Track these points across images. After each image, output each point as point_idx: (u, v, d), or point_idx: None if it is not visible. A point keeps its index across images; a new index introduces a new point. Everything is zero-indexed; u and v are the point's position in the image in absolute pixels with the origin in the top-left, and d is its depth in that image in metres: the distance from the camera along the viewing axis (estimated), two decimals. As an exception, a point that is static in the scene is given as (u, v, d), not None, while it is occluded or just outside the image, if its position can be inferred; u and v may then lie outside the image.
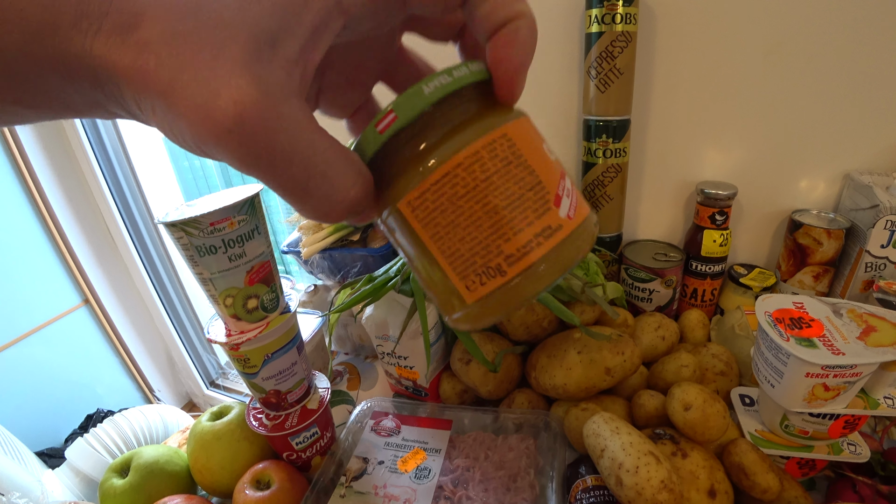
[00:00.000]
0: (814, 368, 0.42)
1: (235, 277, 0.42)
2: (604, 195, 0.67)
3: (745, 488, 0.45)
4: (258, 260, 0.43)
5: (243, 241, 0.41)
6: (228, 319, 0.44)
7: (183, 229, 0.38)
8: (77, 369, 1.57)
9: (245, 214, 0.40)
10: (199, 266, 0.41)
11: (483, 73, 0.20)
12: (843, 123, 0.64)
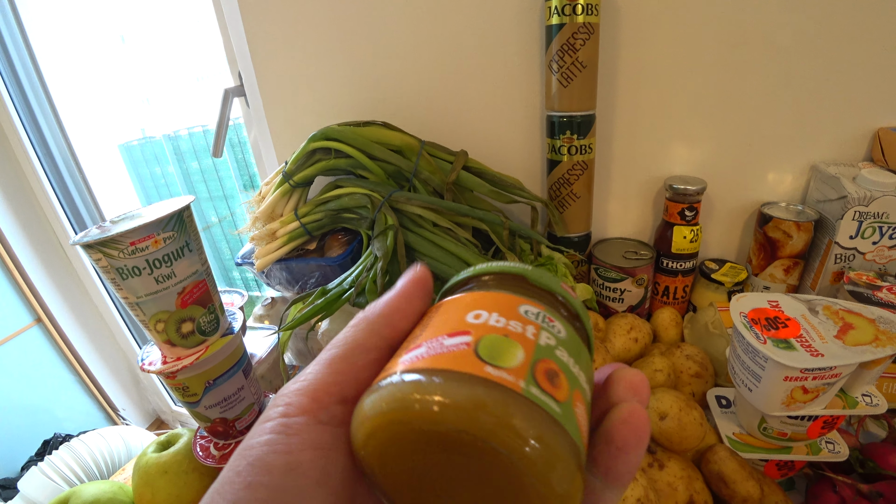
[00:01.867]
0: (792, 372, 0.40)
1: (166, 300, 0.37)
2: (570, 194, 0.65)
3: (725, 497, 0.43)
4: (191, 280, 0.38)
5: (171, 261, 0.36)
6: (162, 346, 0.40)
7: (101, 251, 0.34)
8: (32, 392, 1.48)
9: (172, 231, 0.36)
10: (123, 290, 0.36)
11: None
12: (809, 115, 0.63)
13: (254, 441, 0.16)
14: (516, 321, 0.17)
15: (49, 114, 1.43)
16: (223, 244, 2.01)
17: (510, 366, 0.15)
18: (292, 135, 0.81)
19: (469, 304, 0.18)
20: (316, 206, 0.64)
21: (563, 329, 0.18)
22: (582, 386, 0.17)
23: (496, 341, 0.16)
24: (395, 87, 0.72)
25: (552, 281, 0.20)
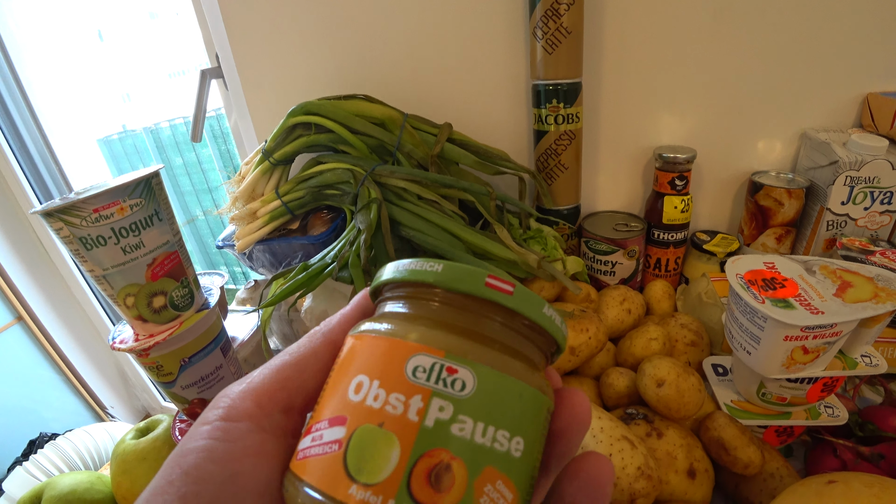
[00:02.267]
0: (792, 331, 0.38)
1: (134, 273, 0.35)
2: (558, 165, 0.63)
3: (726, 464, 0.42)
4: (161, 251, 0.36)
5: (139, 229, 0.34)
6: (133, 322, 0.38)
7: (61, 219, 0.32)
8: (15, 393, 1.45)
9: (139, 197, 0.34)
10: (87, 262, 0.34)
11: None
12: (797, 82, 0.62)
13: (189, 447, 0.15)
14: (399, 394, 0.14)
15: (24, 110, 1.39)
16: (209, 238, 1.97)
17: (378, 480, 0.13)
18: (273, 115, 0.79)
19: (355, 363, 0.16)
20: (297, 183, 0.61)
21: (471, 376, 0.14)
22: (499, 454, 0.14)
23: (368, 439, 0.14)
24: (377, 60, 0.70)
25: (473, 280, 0.16)
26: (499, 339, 0.16)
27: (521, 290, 0.16)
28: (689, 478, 0.40)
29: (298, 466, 0.15)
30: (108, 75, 1.66)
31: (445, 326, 0.15)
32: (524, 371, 0.15)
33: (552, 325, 0.16)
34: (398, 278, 0.17)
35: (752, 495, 0.43)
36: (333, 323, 0.19)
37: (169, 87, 1.82)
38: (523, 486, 0.15)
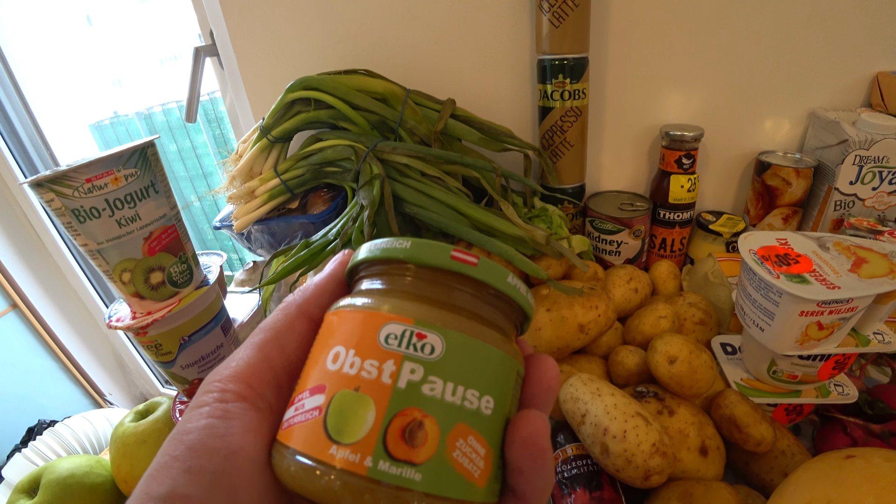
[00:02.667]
0: (809, 306, 0.38)
1: (130, 247, 0.34)
2: (564, 142, 0.62)
3: (738, 441, 0.41)
4: (158, 224, 0.35)
5: (135, 201, 0.33)
6: (130, 299, 0.36)
7: (52, 189, 0.30)
8: (12, 381, 1.43)
9: (134, 167, 0.32)
10: (81, 236, 0.32)
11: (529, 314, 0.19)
12: (806, 60, 0.61)
13: (191, 425, 0.16)
14: (372, 360, 0.15)
15: (14, 97, 1.36)
16: (204, 224, 1.95)
17: (356, 439, 0.14)
18: (270, 92, 0.77)
19: (333, 336, 0.17)
20: (297, 161, 0.60)
21: (439, 341, 0.15)
22: (469, 411, 0.15)
23: (345, 403, 0.15)
24: (377, 33, 0.68)
25: (439, 254, 0.17)
26: (467, 307, 0.17)
27: (485, 262, 0.17)
28: (702, 455, 0.40)
29: (284, 435, 0.16)
30: (99, 61, 1.63)
31: (415, 297, 0.17)
32: (492, 336, 0.16)
33: (517, 294, 0.17)
34: (371, 257, 0.18)
35: (763, 472, 0.42)
36: (308, 293, 0.19)
37: (161, 72, 1.79)
38: (495, 441, 0.16)
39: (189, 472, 0.15)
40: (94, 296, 1.61)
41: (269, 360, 0.18)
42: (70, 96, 1.49)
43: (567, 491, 0.37)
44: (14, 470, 0.82)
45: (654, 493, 0.38)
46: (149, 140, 0.33)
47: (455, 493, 0.15)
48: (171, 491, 0.14)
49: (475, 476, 0.15)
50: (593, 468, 0.39)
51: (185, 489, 0.14)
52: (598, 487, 0.37)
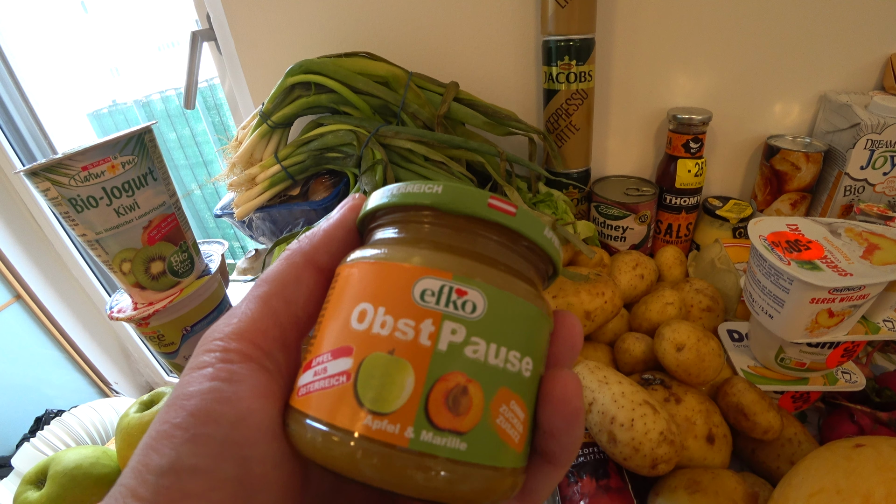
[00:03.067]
0: (820, 293, 0.37)
1: (129, 236, 0.33)
2: (569, 126, 0.61)
3: (745, 429, 0.41)
4: (157, 213, 0.34)
5: (133, 189, 0.32)
6: (131, 289, 0.36)
7: (48, 178, 0.30)
8: (18, 371, 1.44)
9: (132, 154, 0.31)
10: (79, 225, 0.32)
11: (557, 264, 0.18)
12: (817, 42, 0.60)
13: (192, 389, 0.14)
14: (407, 319, 0.14)
15: (11, 87, 1.35)
16: (205, 213, 1.95)
17: (394, 407, 0.13)
18: (269, 76, 0.75)
19: (357, 290, 0.15)
20: (298, 147, 0.59)
21: (480, 298, 0.14)
22: (511, 374, 0.14)
23: (379, 367, 0.13)
24: (377, 14, 0.66)
25: (475, 201, 0.15)
26: (503, 260, 0.15)
27: (523, 212, 0.15)
28: (708, 443, 0.39)
29: (302, 402, 0.14)
30: (95, 48, 1.61)
31: (450, 249, 0.15)
32: (529, 292, 0.15)
33: (552, 248, 0.16)
34: (392, 202, 0.16)
35: (770, 460, 0.42)
36: (317, 240, 0.17)
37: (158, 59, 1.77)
38: (532, 405, 0.15)
39: (194, 440, 0.13)
40: (96, 285, 1.61)
41: (276, 315, 0.16)
42: (67, 85, 1.47)
43: (573, 479, 0.37)
44: (23, 459, 0.83)
45: (660, 481, 0.38)
46: (146, 126, 0.33)
47: (498, 460, 0.14)
48: (175, 462, 0.13)
49: (515, 441, 0.14)
50: (600, 456, 0.38)
51: (191, 460, 0.13)
52: (605, 475, 0.37)
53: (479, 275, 0.14)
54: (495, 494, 0.14)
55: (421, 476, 0.13)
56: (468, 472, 0.13)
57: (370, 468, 0.13)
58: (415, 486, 0.13)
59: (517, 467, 0.15)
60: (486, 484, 0.13)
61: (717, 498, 0.34)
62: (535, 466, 0.16)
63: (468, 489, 0.13)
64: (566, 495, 0.37)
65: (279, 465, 0.14)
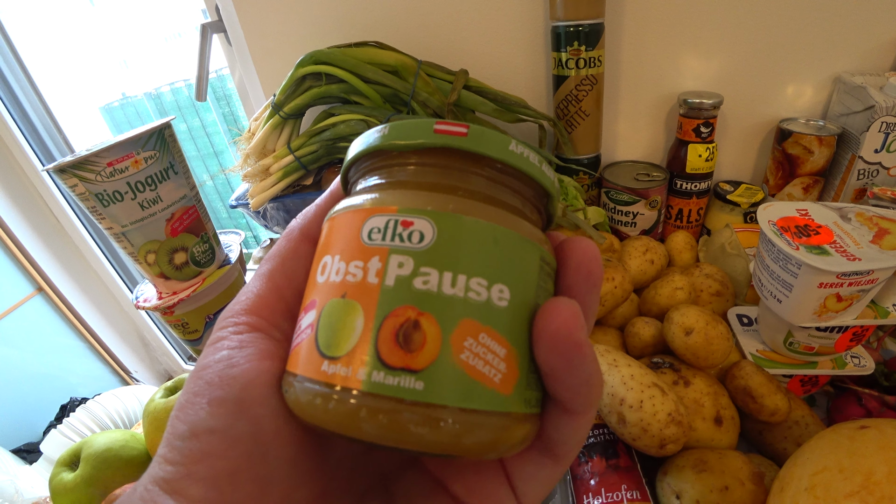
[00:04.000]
0: (828, 277, 0.37)
1: (153, 228, 0.34)
2: (579, 111, 0.61)
3: (752, 412, 0.42)
4: (179, 205, 0.35)
5: (156, 183, 0.33)
6: (156, 280, 0.37)
7: (75, 174, 0.31)
8: (43, 361, 1.48)
9: (153, 149, 0.33)
10: (105, 219, 0.33)
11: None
12: (831, 22, 0.59)
13: (207, 361, 0.15)
14: (357, 260, 0.13)
15: (25, 83, 1.36)
16: (217, 203, 1.97)
17: (346, 350, 0.13)
18: (280, 68, 0.76)
19: (322, 245, 0.15)
20: (310, 137, 0.60)
21: (428, 225, 0.13)
22: (476, 304, 0.13)
23: (333, 313, 0.13)
24: (387, 4, 0.66)
25: (420, 131, 0.14)
26: (463, 185, 0.14)
27: (477, 130, 0.14)
28: (716, 425, 0.40)
29: (289, 363, 0.15)
30: (103, 41, 1.62)
31: (400, 185, 0.14)
32: (497, 214, 0.14)
33: (525, 163, 0.15)
34: (354, 156, 0.16)
35: (777, 442, 0.43)
36: (310, 215, 0.18)
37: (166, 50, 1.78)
38: (519, 340, 0.13)
39: (210, 404, 0.14)
40: (115, 277, 1.64)
41: (279, 289, 0.17)
42: (78, 79, 1.49)
43: (584, 459, 0.38)
44: (51, 445, 0.86)
45: (668, 461, 0.39)
46: (165, 121, 0.34)
47: (471, 402, 0.12)
48: (195, 427, 0.14)
49: (495, 381, 0.13)
50: (609, 437, 0.39)
51: (208, 422, 0.14)
52: (615, 455, 0.38)
53: (427, 203, 0.13)
54: (486, 442, 0.13)
55: (379, 419, 0.12)
56: (432, 414, 0.12)
57: (328, 416, 0.12)
58: (374, 432, 0.12)
59: (511, 412, 0.13)
60: (461, 429, 0.12)
61: (724, 476, 0.35)
62: (554, 416, 0.15)
63: (440, 434, 0.12)
64: (577, 474, 0.38)
65: (290, 421, 0.15)
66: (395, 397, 0.12)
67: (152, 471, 0.14)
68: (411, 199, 0.14)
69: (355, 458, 0.18)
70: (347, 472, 0.18)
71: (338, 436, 0.13)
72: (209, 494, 0.14)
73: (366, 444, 0.14)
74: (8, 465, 0.90)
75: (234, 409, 0.14)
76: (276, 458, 0.14)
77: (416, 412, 0.12)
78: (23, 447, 1.33)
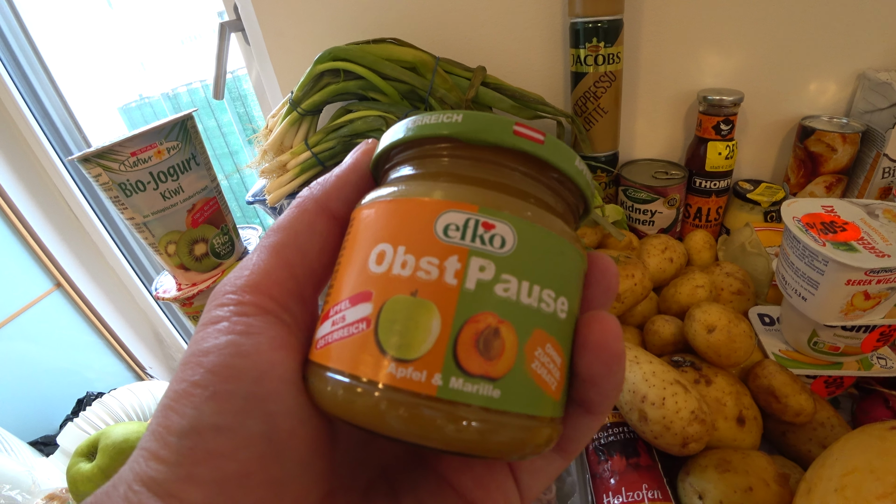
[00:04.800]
0: (856, 274, 0.36)
1: (175, 219, 0.35)
2: (597, 108, 0.60)
3: (776, 412, 0.41)
4: (200, 196, 0.36)
5: (178, 174, 0.33)
6: (175, 271, 0.38)
7: (99, 164, 0.31)
8: (61, 355, 1.51)
9: (176, 140, 0.33)
10: (127, 209, 0.33)
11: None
12: (854, 17, 0.58)
13: (208, 345, 0.13)
14: (430, 257, 0.12)
15: (48, 85, 1.39)
16: (233, 202, 1.99)
17: (420, 353, 0.12)
18: (297, 65, 0.76)
19: (374, 231, 0.14)
20: (327, 133, 0.60)
21: (510, 231, 0.13)
22: (546, 315, 0.13)
23: (401, 311, 0.12)
24: (404, 0, 0.66)
25: (500, 129, 0.14)
26: (532, 192, 0.14)
27: (552, 140, 0.14)
28: (739, 425, 0.39)
29: (321, 355, 0.13)
30: (122, 44, 1.65)
31: (473, 181, 0.14)
32: (560, 226, 0.14)
33: (583, 179, 0.15)
34: (408, 137, 0.14)
35: (801, 444, 0.42)
36: (329, 185, 0.16)
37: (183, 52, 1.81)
38: (568, 348, 0.14)
39: (215, 398, 0.12)
40: (131, 273, 1.67)
41: (290, 266, 0.15)
42: (98, 81, 1.52)
43: (604, 457, 0.38)
44: (68, 438, 0.87)
45: (690, 461, 0.38)
46: (188, 113, 0.34)
47: (534, 409, 0.13)
48: (196, 422, 0.12)
49: (552, 388, 0.13)
50: (630, 435, 0.39)
51: (213, 419, 0.12)
52: (635, 454, 0.37)
53: (506, 207, 0.13)
54: (531, 445, 0.13)
55: (452, 427, 0.12)
56: (502, 421, 0.12)
57: (396, 420, 0.12)
58: (445, 438, 0.12)
59: (555, 417, 0.14)
60: (521, 434, 0.12)
61: (748, 477, 0.35)
62: (574, 416, 0.15)
63: (503, 440, 0.12)
64: (596, 472, 0.38)
65: (306, 420, 0.14)
66: (474, 405, 0.12)
67: (138, 468, 0.12)
68: (491, 199, 0.13)
69: (357, 452, 0.17)
70: (350, 467, 0.17)
71: (386, 438, 0.13)
72: (214, 500, 0.12)
73: (414, 446, 0.13)
74: (25, 456, 0.92)
75: (245, 405, 0.13)
76: (290, 460, 0.13)
77: (492, 420, 0.12)
78: (40, 440, 1.35)
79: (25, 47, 1.30)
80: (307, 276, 0.15)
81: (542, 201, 0.14)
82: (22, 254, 1.42)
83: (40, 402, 1.45)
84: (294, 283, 0.15)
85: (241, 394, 0.12)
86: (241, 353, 0.13)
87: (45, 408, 1.44)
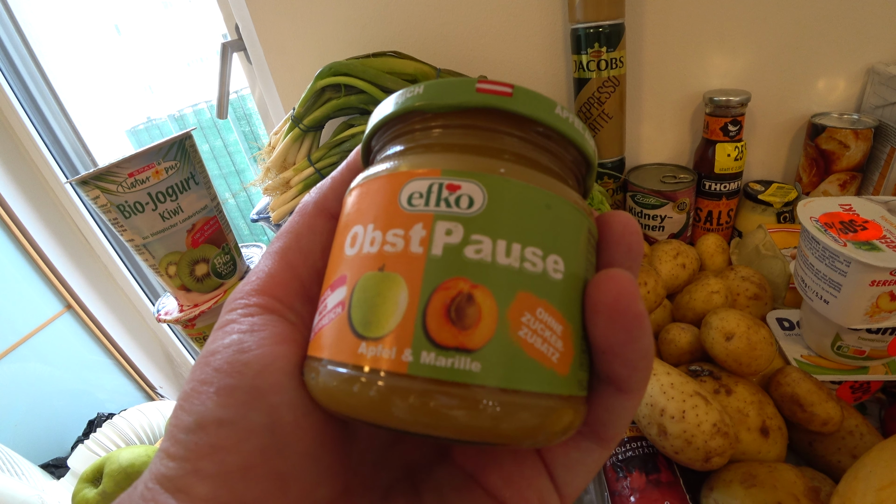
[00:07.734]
0: (881, 274, 0.35)
1: (175, 240, 0.34)
2: (602, 114, 0.59)
3: (801, 421, 0.39)
4: (200, 216, 0.35)
5: (176, 194, 0.33)
6: (177, 292, 0.37)
7: (97, 186, 0.31)
8: (72, 377, 1.51)
9: (174, 160, 0.32)
10: (127, 231, 0.33)
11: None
12: (861, 11, 0.57)
13: (216, 346, 0.14)
14: (396, 229, 0.12)
15: (56, 108, 1.42)
16: (239, 220, 2.00)
17: (388, 329, 0.11)
18: (299, 82, 0.77)
19: (348, 216, 0.13)
20: (330, 149, 0.59)
21: (478, 189, 0.12)
22: (532, 275, 0.11)
23: (369, 288, 0.11)
24: (403, 13, 0.66)
25: (461, 90, 0.13)
26: (509, 149, 0.13)
27: (522, 91, 0.13)
28: (762, 436, 0.38)
29: (312, 347, 0.13)
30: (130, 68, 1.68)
31: (440, 147, 0.13)
32: (547, 181, 0.13)
33: (569, 128, 0.13)
34: (381, 119, 0.14)
35: (829, 454, 0.40)
36: (325, 188, 0.17)
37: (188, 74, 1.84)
38: (573, 315, 0.12)
39: (219, 393, 0.13)
40: (140, 294, 1.67)
41: (293, 267, 0.15)
42: (106, 104, 1.54)
43: (622, 474, 0.36)
44: (78, 460, 0.87)
45: (713, 475, 0.36)
46: (186, 132, 0.34)
47: (529, 383, 0.11)
48: (202, 417, 0.13)
49: (553, 360, 0.12)
50: (649, 450, 0.37)
51: (217, 413, 0.13)
52: (655, 470, 0.36)
53: (474, 166, 0.12)
54: (535, 429, 0.11)
55: (431, 407, 0.10)
56: (489, 398, 0.11)
57: (368, 403, 0.11)
58: (427, 422, 0.11)
59: (564, 394, 0.12)
60: (518, 414, 0.11)
61: (776, 492, 0.33)
62: (604, 396, 0.14)
63: (495, 423, 0.11)
64: (615, 490, 0.36)
65: (310, 412, 0.13)
66: (449, 381, 0.11)
67: (154, 467, 0.13)
68: (455, 162, 0.12)
69: (379, 451, 0.17)
70: (371, 466, 0.16)
71: (373, 426, 0.12)
72: (218, 493, 0.12)
73: (404, 434, 0.12)
74: (36, 479, 0.91)
75: (247, 398, 0.13)
76: (294, 452, 0.13)
77: (472, 397, 0.11)
78: (51, 462, 1.35)
79: (34, 73, 1.32)
80: (311, 276, 0.15)
81: (522, 157, 0.13)
82: (32, 276, 1.43)
83: (52, 424, 1.45)
84: (298, 283, 0.15)
85: (243, 387, 0.13)
86: (244, 348, 0.13)
87: (56, 429, 1.44)
